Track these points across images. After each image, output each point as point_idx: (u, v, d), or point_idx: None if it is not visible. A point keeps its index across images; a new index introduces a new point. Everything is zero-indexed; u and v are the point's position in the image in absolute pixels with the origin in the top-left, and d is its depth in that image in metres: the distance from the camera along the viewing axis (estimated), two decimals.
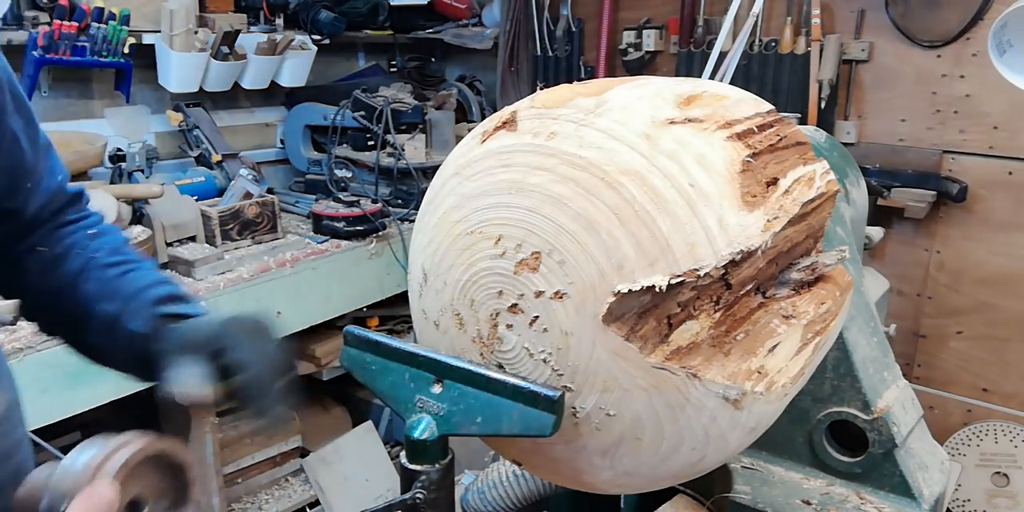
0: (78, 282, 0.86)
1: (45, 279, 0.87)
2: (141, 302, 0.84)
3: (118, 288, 0.86)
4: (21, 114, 0.82)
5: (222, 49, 2.75)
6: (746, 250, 0.73)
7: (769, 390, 0.75)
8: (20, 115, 0.81)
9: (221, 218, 2.33)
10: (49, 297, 0.88)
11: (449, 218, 0.85)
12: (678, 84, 0.86)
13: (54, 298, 0.87)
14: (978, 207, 2.59)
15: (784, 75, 2.77)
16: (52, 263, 0.87)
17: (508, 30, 3.37)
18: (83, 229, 0.90)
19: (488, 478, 1.57)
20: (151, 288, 0.86)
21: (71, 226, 0.90)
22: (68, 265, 0.87)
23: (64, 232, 0.89)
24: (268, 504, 2.69)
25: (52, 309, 0.89)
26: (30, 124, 0.83)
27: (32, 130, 0.83)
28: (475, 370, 0.81)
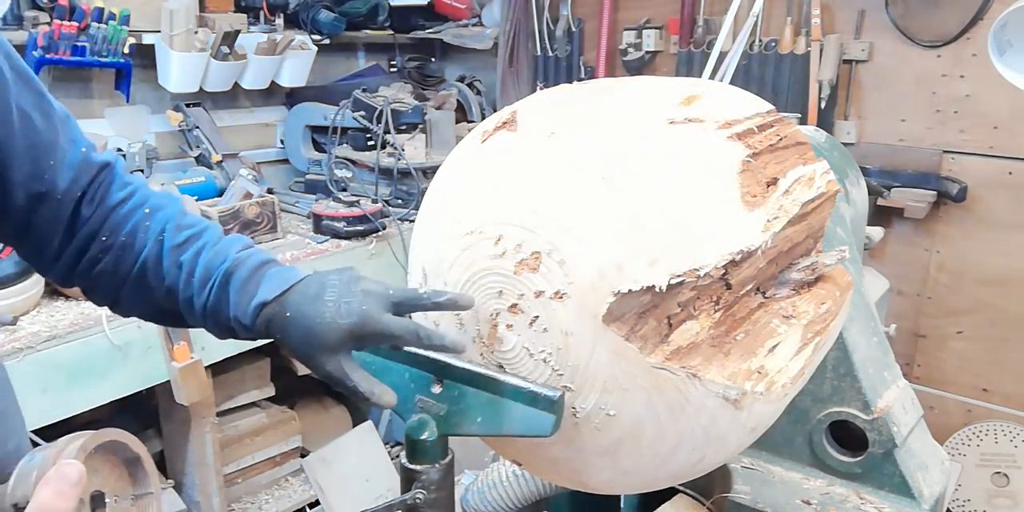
0: (160, 267, 0.85)
1: (122, 268, 0.86)
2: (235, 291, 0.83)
3: (205, 270, 0.84)
4: (29, 90, 0.79)
5: (222, 49, 2.76)
6: (746, 250, 0.73)
7: (769, 390, 0.75)
8: (28, 91, 0.79)
9: (221, 218, 2.32)
10: (133, 286, 0.86)
11: (449, 218, 0.85)
12: (678, 84, 0.86)
13: (138, 286, 0.86)
14: (978, 207, 2.59)
15: (784, 75, 2.77)
16: (123, 250, 0.86)
17: (508, 30, 3.37)
18: (138, 209, 0.87)
19: (488, 478, 1.57)
20: (234, 270, 0.83)
21: (122, 207, 0.87)
22: (139, 252, 0.85)
23: (120, 217, 0.86)
24: (268, 504, 2.69)
25: (140, 297, 0.88)
26: (41, 98, 0.81)
27: (45, 104, 0.81)
28: (475, 370, 0.81)
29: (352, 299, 0.77)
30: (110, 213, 0.86)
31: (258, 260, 0.84)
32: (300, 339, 0.79)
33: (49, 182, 0.81)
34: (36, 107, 0.79)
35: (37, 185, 0.80)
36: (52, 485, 0.56)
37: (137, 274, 0.86)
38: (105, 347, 1.88)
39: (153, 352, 1.98)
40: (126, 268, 0.86)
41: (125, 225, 0.86)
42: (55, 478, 0.56)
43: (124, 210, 0.86)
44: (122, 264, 0.86)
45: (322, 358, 0.78)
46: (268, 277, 0.83)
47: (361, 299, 0.77)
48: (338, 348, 0.78)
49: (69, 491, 0.56)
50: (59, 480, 0.56)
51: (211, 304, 0.84)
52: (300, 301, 0.79)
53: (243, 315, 0.82)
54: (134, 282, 0.86)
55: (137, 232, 0.86)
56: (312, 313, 0.78)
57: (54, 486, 0.56)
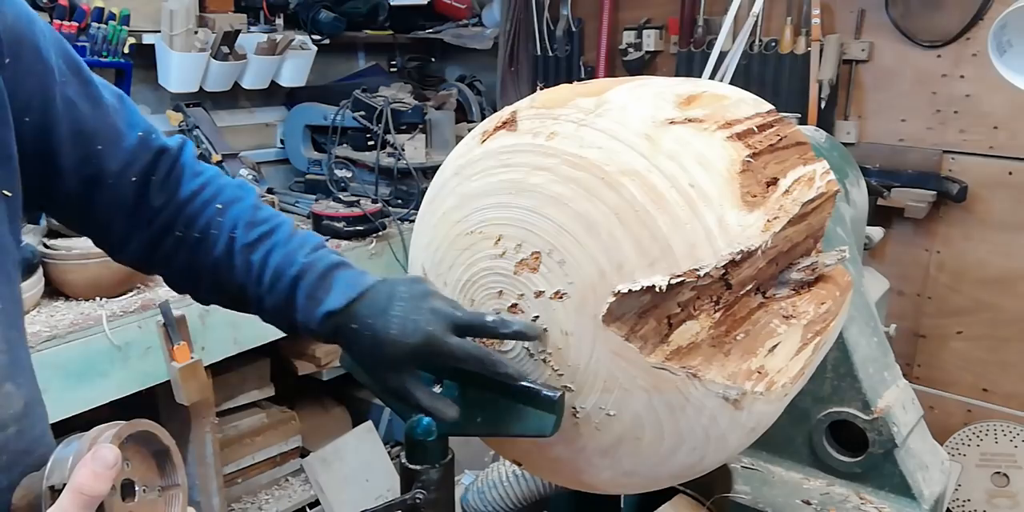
0: (232, 266, 0.86)
1: (196, 263, 0.88)
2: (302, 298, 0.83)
3: (275, 272, 0.85)
4: (76, 79, 0.80)
5: (222, 49, 2.75)
6: (746, 250, 0.73)
7: (769, 390, 0.75)
8: (75, 80, 0.80)
9: None
10: (208, 280, 0.89)
11: (449, 218, 0.85)
12: (678, 84, 0.86)
13: (213, 281, 0.88)
14: (978, 207, 2.59)
15: (784, 75, 2.77)
16: (197, 245, 0.87)
17: (508, 30, 3.37)
18: (211, 202, 0.88)
19: (488, 478, 1.57)
20: (303, 275, 0.84)
21: (196, 199, 0.87)
22: (213, 244, 0.87)
23: (194, 210, 0.87)
24: (268, 504, 2.69)
25: (216, 291, 0.90)
26: (88, 85, 0.81)
27: (92, 91, 0.82)
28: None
29: (419, 317, 0.78)
30: (184, 206, 0.87)
31: (326, 264, 0.85)
32: (366, 352, 0.80)
33: (97, 166, 0.81)
34: (82, 95, 0.80)
35: (86, 169, 0.81)
36: (89, 467, 0.57)
37: (212, 270, 0.87)
38: (105, 347, 1.88)
39: (153, 352, 1.97)
40: (201, 264, 0.87)
41: (199, 220, 0.87)
42: (92, 460, 0.57)
43: (198, 203, 0.87)
44: (197, 260, 0.87)
45: (386, 374, 0.80)
46: (337, 283, 0.83)
47: (428, 318, 0.78)
48: (402, 366, 0.79)
49: (106, 473, 0.57)
50: (96, 462, 0.57)
51: (280, 306, 0.85)
52: (367, 313, 0.80)
53: (311, 322, 0.83)
54: (210, 277, 0.88)
55: (210, 228, 0.87)
56: (379, 327, 0.78)
57: (91, 468, 0.57)
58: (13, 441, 0.71)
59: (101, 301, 1.95)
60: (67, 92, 0.78)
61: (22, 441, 0.72)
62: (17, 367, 0.73)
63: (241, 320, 2.18)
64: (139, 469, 0.66)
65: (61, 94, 0.77)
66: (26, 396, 0.74)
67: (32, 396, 0.75)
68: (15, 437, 0.71)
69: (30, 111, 0.75)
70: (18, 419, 0.72)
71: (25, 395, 0.73)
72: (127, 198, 0.85)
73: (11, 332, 0.73)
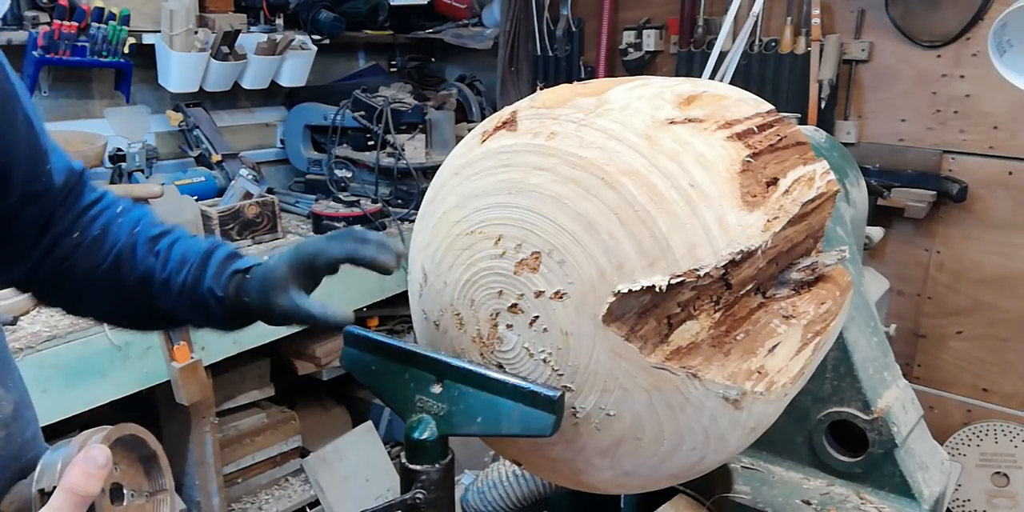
0: (134, 256, 0.90)
1: (93, 261, 0.89)
2: (213, 265, 0.90)
3: (182, 256, 0.90)
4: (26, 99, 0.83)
5: (222, 49, 2.75)
6: (746, 250, 0.73)
7: (769, 390, 0.75)
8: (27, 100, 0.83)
9: (221, 218, 2.33)
10: (103, 278, 0.90)
11: (449, 218, 0.85)
12: (678, 84, 0.86)
13: (109, 277, 0.90)
14: (978, 207, 2.59)
15: (784, 75, 2.77)
16: (94, 244, 0.89)
17: (508, 30, 3.37)
18: (109, 208, 0.92)
19: (488, 478, 1.57)
20: (213, 251, 0.91)
21: (94, 208, 0.91)
22: (113, 241, 0.90)
23: (92, 215, 0.90)
24: (268, 504, 2.69)
25: (109, 289, 0.91)
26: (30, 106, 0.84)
27: (34, 112, 0.85)
28: (475, 370, 0.81)
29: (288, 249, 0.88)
30: (82, 213, 0.90)
31: (232, 247, 0.94)
32: (257, 291, 0.87)
33: (46, 184, 0.85)
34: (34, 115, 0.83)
35: (34, 186, 0.83)
36: (80, 467, 0.58)
37: (110, 265, 0.90)
38: (105, 347, 1.88)
39: (153, 352, 1.98)
40: (97, 261, 0.90)
41: (97, 221, 0.90)
42: (84, 461, 0.58)
43: (95, 210, 0.91)
44: (93, 257, 0.89)
45: (276, 299, 0.86)
46: (243, 258, 0.93)
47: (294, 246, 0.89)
48: (286, 284, 0.86)
49: (97, 473, 0.58)
50: (87, 462, 0.58)
51: (189, 282, 0.90)
52: (260, 267, 0.90)
53: (217, 286, 0.89)
54: (105, 274, 0.90)
55: (110, 227, 0.91)
56: (263, 268, 0.89)
57: (82, 468, 0.58)
58: (3, 444, 0.71)
59: None
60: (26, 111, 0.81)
61: (12, 444, 0.73)
62: (5, 370, 0.74)
63: None
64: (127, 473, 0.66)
65: (22, 113, 0.80)
66: (15, 400, 0.74)
67: (21, 399, 0.76)
68: (5, 440, 0.72)
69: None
70: (7, 423, 0.72)
71: (14, 399, 0.74)
72: (60, 222, 0.88)
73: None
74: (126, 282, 0.90)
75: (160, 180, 2.41)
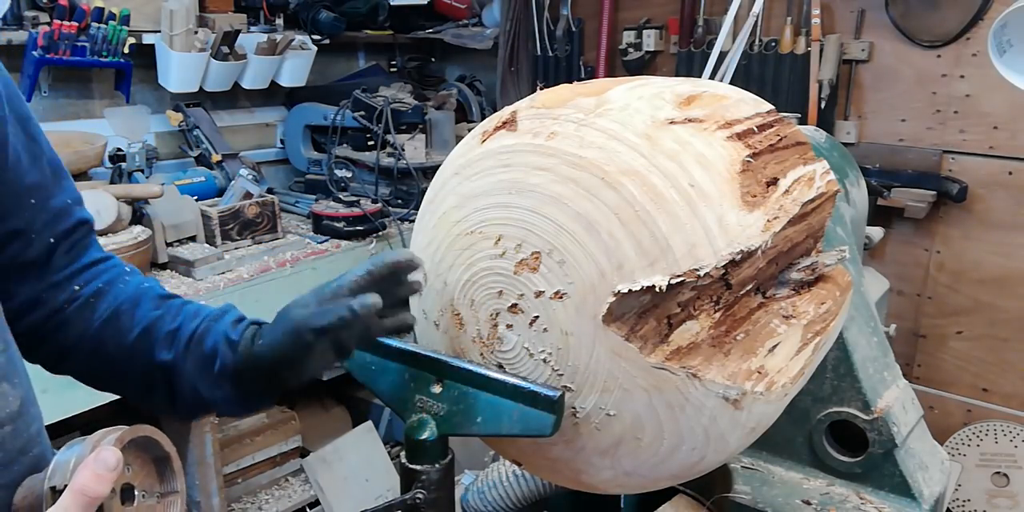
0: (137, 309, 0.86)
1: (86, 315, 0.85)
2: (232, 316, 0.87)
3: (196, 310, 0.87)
4: (23, 132, 0.80)
5: (222, 49, 2.75)
6: (746, 250, 0.73)
7: (769, 390, 0.75)
8: (22, 133, 0.80)
9: (221, 218, 2.33)
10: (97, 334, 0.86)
11: (449, 218, 0.85)
12: (678, 84, 0.86)
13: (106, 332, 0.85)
14: (978, 207, 2.59)
15: (784, 75, 2.77)
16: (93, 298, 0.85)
17: (508, 30, 3.37)
18: (116, 267, 0.89)
19: (488, 478, 1.57)
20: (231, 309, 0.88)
21: (101, 265, 0.88)
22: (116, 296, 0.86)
23: (97, 271, 0.87)
24: (268, 504, 2.69)
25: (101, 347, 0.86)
26: (34, 143, 0.82)
27: (35, 148, 0.82)
28: (475, 370, 0.81)
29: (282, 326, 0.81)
30: (86, 268, 0.86)
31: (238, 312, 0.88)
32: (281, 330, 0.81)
33: (27, 220, 0.81)
34: (27, 149, 0.80)
35: (14, 221, 0.80)
36: (91, 468, 0.58)
37: (109, 317, 0.85)
38: None
39: None
40: (95, 314, 0.85)
41: (102, 277, 0.86)
42: (94, 462, 0.59)
43: (102, 267, 0.87)
44: (90, 311, 0.85)
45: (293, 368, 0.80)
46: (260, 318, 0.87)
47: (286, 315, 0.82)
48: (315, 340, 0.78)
49: (107, 475, 0.58)
50: (98, 464, 0.58)
51: (200, 330, 0.85)
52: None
53: (233, 332, 0.84)
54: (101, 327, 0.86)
55: (116, 282, 0.87)
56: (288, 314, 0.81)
57: (93, 469, 0.58)
58: (9, 440, 0.72)
59: None
60: (16, 144, 0.79)
61: (18, 440, 0.73)
62: (12, 367, 0.74)
63: None
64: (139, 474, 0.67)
65: (12, 146, 0.78)
66: (21, 395, 0.74)
67: (27, 395, 0.76)
68: (11, 436, 0.72)
69: None
70: (13, 418, 0.73)
71: (20, 395, 0.74)
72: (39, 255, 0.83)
73: (5, 333, 0.74)
74: (124, 337, 0.85)
75: (160, 180, 2.41)
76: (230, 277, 2.20)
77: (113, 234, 1.98)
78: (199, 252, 2.22)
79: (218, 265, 2.22)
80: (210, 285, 2.14)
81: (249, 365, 0.82)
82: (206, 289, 2.12)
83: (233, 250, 2.34)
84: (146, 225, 2.16)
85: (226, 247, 2.32)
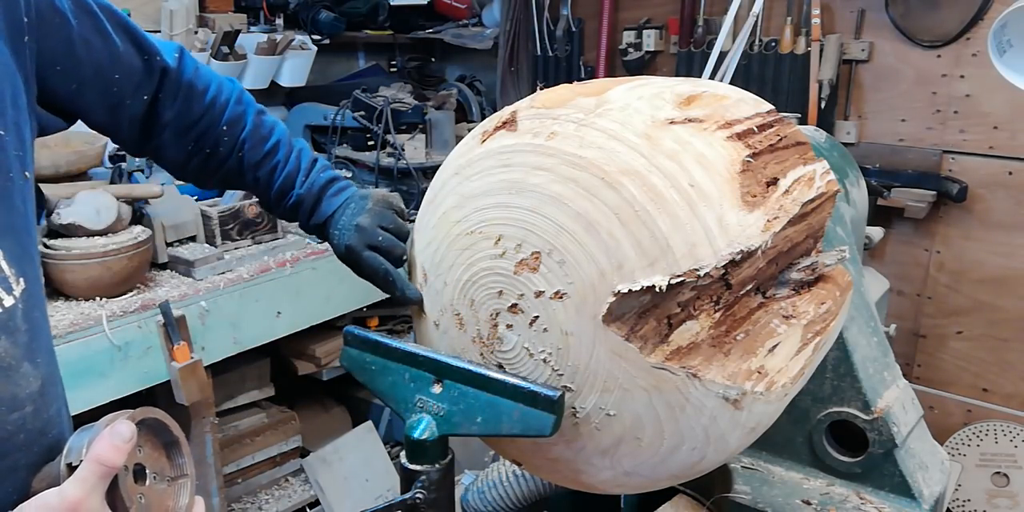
0: (240, 179, 1.09)
1: (206, 170, 1.07)
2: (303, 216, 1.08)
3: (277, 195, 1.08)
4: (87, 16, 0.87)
5: (222, 49, 2.75)
6: (746, 250, 0.73)
7: (769, 390, 0.75)
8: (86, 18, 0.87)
9: (221, 218, 2.32)
10: (214, 179, 1.10)
11: (449, 218, 0.85)
12: (678, 84, 0.86)
13: (221, 180, 1.11)
14: (978, 207, 2.59)
15: (784, 75, 2.77)
16: (208, 158, 1.05)
17: (508, 30, 3.37)
18: (215, 125, 1.03)
19: (488, 478, 1.57)
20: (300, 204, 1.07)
21: (202, 122, 1.02)
22: (222, 163, 1.06)
23: (200, 131, 1.02)
24: (268, 504, 2.69)
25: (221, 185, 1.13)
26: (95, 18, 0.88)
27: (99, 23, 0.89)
28: (475, 370, 0.81)
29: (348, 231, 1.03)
30: (191, 126, 1.02)
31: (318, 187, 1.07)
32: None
33: (117, 94, 0.93)
34: (94, 31, 0.88)
35: (109, 99, 0.93)
36: (107, 439, 0.61)
37: (222, 177, 1.09)
38: (105, 347, 1.88)
39: (153, 352, 1.97)
40: (213, 171, 1.07)
41: (207, 137, 1.03)
42: (109, 434, 0.62)
43: (204, 124, 1.02)
44: (208, 168, 1.07)
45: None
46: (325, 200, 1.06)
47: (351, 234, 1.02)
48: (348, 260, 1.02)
49: (122, 446, 0.61)
50: (113, 435, 0.61)
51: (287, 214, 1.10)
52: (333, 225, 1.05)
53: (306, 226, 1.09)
54: (222, 179, 1.10)
55: (219, 146, 1.04)
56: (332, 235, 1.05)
57: (108, 440, 0.61)
58: (30, 420, 0.73)
59: (101, 301, 1.95)
60: (83, 33, 0.86)
61: (39, 420, 0.74)
62: (37, 347, 0.75)
63: (241, 320, 2.19)
64: (151, 457, 0.68)
65: (79, 36, 0.85)
66: (43, 376, 0.76)
67: (49, 376, 0.78)
68: (32, 416, 0.73)
69: (57, 60, 0.83)
70: (34, 399, 0.74)
71: (43, 375, 0.75)
72: (142, 114, 0.98)
73: (34, 313, 0.75)
74: (238, 187, 1.13)
75: (160, 180, 2.40)
76: (230, 277, 2.20)
77: (113, 234, 1.98)
78: (199, 252, 2.21)
79: (218, 265, 2.21)
80: (210, 285, 2.14)
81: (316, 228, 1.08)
82: (206, 289, 2.12)
83: (233, 250, 2.33)
84: (146, 225, 2.16)
85: (226, 247, 2.32)
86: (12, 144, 0.73)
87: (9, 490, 0.69)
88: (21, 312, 0.72)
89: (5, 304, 0.70)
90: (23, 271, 0.73)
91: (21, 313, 0.72)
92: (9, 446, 0.70)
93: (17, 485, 0.69)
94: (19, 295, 0.72)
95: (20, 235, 0.74)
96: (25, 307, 0.72)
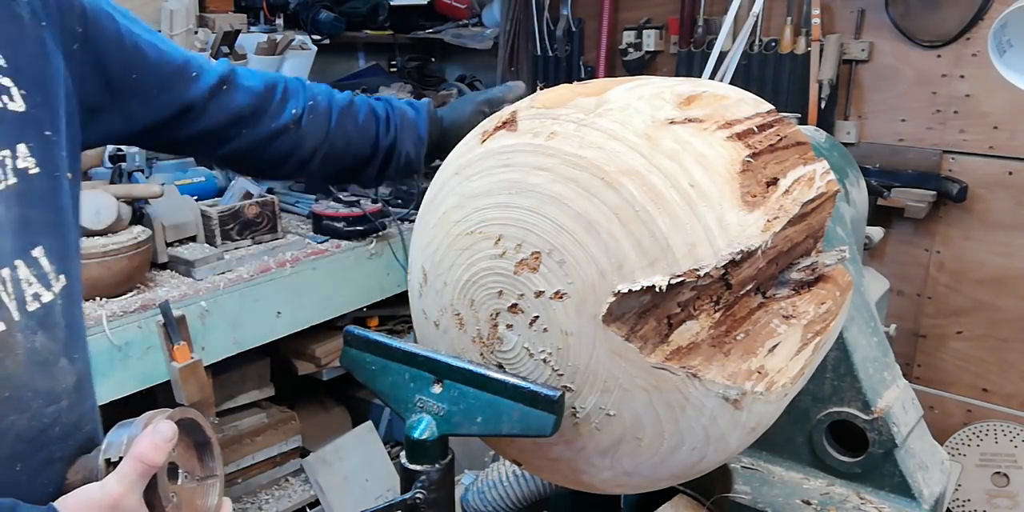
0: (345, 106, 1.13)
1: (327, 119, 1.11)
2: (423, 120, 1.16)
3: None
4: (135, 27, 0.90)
5: (222, 49, 2.75)
6: (746, 250, 0.73)
7: (769, 390, 0.75)
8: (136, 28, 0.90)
9: (221, 218, 2.32)
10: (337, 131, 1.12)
11: (449, 218, 0.85)
12: (678, 84, 0.86)
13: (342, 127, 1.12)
14: (978, 207, 2.59)
15: (784, 75, 2.77)
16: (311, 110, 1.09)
17: (508, 30, 3.37)
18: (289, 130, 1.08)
19: (488, 478, 1.57)
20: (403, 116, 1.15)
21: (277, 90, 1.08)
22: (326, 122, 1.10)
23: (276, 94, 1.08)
24: (268, 504, 2.69)
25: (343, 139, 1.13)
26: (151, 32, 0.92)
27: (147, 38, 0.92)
28: (475, 370, 0.81)
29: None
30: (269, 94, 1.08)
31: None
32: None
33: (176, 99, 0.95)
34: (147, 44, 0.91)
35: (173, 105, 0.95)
36: (150, 438, 0.63)
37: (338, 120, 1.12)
38: (105, 347, 1.88)
39: (153, 352, 1.98)
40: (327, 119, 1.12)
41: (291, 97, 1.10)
42: (152, 433, 0.63)
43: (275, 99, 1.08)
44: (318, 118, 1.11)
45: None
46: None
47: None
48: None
49: (164, 445, 0.63)
50: (156, 434, 0.63)
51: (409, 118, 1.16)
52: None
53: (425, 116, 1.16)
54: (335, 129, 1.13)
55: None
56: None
57: (151, 439, 0.63)
58: (66, 414, 0.74)
59: (101, 301, 1.95)
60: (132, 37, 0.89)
61: (73, 414, 0.75)
62: (74, 343, 0.76)
63: (241, 320, 2.19)
64: (183, 456, 0.70)
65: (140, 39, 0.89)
66: (79, 371, 0.77)
67: (84, 372, 0.79)
68: (67, 410, 0.74)
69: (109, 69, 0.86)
70: (70, 393, 0.75)
71: (78, 370, 0.77)
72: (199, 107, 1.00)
73: (74, 308, 0.76)
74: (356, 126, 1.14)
75: (160, 180, 2.41)
76: (230, 277, 2.20)
77: (113, 234, 1.97)
78: (199, 252, 2.21)
79: (218, 265, 2.21)
80: (210, 285, 2.14)
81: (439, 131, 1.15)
82: (206, 289, 2.12)
83: (233, 250, 2.33)
84: (146, 225, 2.16)
85: (226, 247, 2.32)
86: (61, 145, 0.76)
87: (45, 482, 0.71)
88: (60, 308, 0.73)
89: (43, 300, 0.71)
90: (64, 268, 0.74)
91: (60, 309, 0.73)
92: (46, 438, 0.71)
93: (53, 477, 0.71)
94: (59, 291, 0.73)
95: (64, 233, 0.75)
96: (64, 303, 0.74)
